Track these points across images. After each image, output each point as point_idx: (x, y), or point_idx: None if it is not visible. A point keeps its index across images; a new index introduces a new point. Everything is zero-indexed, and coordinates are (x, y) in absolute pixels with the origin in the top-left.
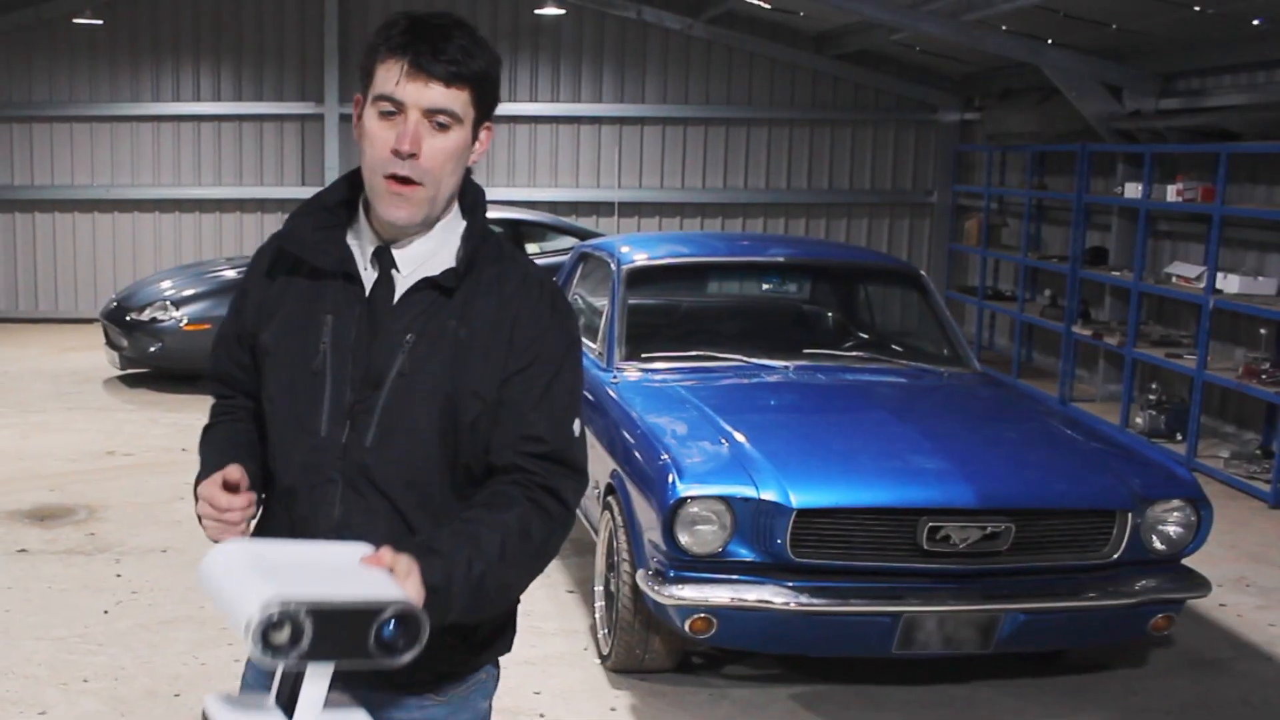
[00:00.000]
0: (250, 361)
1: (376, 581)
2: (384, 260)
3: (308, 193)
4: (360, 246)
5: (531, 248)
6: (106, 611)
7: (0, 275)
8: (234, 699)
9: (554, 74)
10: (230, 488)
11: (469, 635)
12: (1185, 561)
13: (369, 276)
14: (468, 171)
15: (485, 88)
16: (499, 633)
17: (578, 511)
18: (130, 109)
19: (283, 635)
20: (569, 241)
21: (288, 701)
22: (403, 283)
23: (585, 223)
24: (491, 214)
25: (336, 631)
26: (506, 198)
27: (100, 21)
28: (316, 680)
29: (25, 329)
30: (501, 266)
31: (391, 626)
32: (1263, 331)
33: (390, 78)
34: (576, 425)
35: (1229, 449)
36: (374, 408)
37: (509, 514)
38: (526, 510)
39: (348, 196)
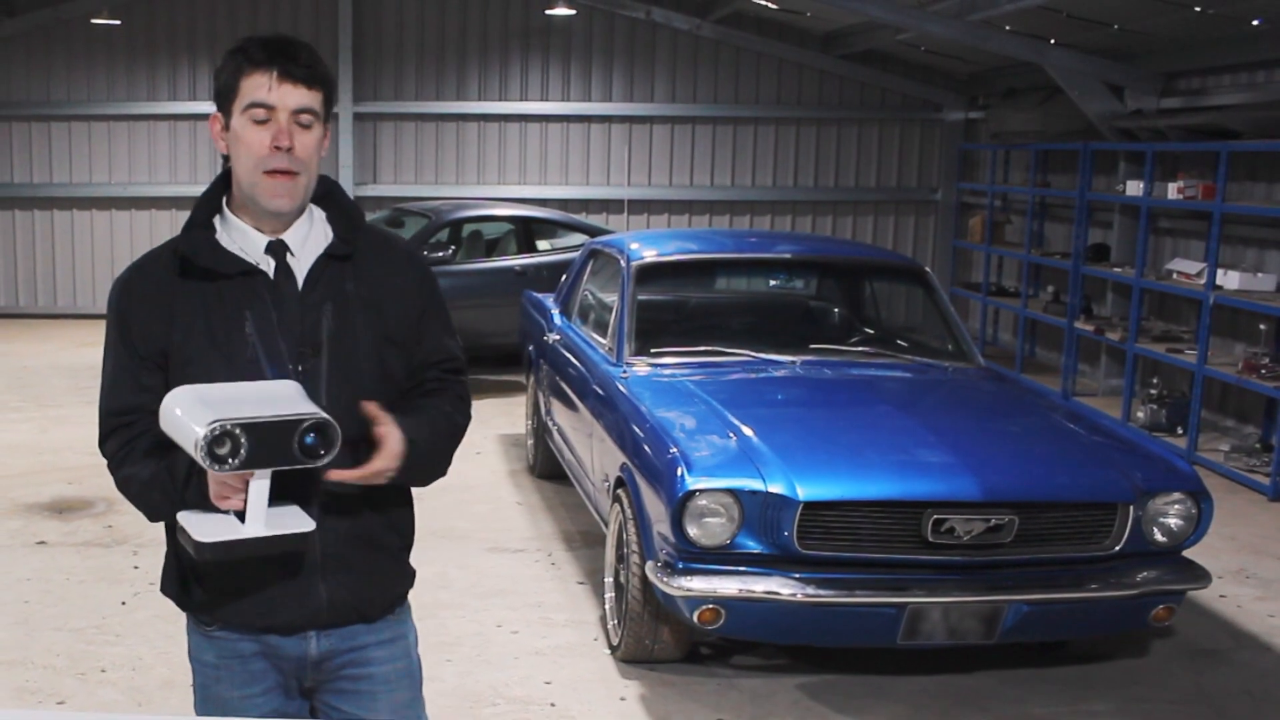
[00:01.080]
0: (156, 382)
1: (295, 402)
2: (278, 250)
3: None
4: (240, 247)
5: (542, 245)
6: (124, 603)
7: (20, 271)
8: (199, 513)
9: (564, 74)
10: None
11: (399, 558)
12: (1186, 553)
13: (267, 267)
14: None
15: (331, 90)
16: (407, 555)
17: (588, 504)
18: (147, 108)
19: (225, 449)
20: (579, 238)
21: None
22: (298, 265)
23: (595, 220)
24: (504, 211)
25: (267, 441)
26: (518, 195)
27: (118, 22)
28: (258, 490)
29: (44, 324)
30: (367, 235)
31: (312, 437)
32: (1262, 327)
33: (260, 87)
34: (459, 340)
35: (1229, 443)
36: (319, 371)
37: (442, 402)
38: (453, 401)
39: (211, 211)
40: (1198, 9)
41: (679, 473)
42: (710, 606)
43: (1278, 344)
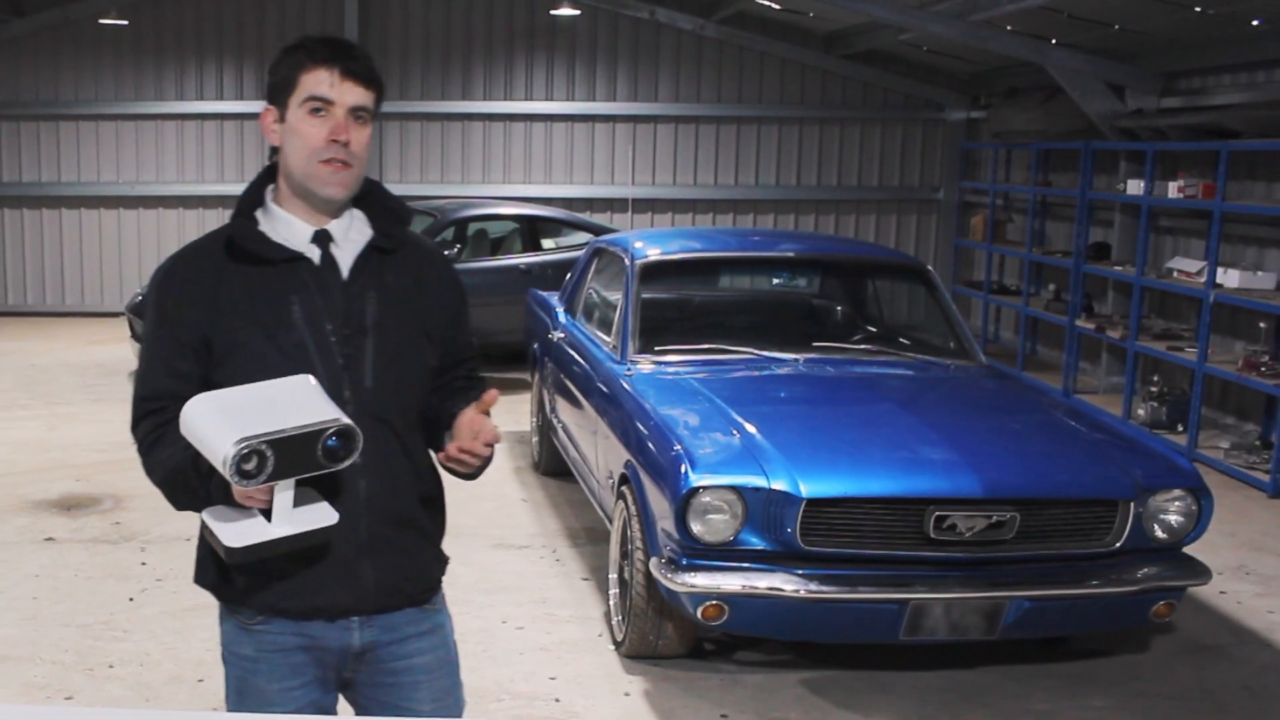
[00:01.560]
0: (196, 369)
1: (314, 404)
2: (324, 239)
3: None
4: (284, 237)
5: (547, 243)
6: (132, 599)
7: (28, 270)
8: (225, 510)
9: (569, 73)
10: None
11: (435, 542)
12: (1186, 550)
13: (312, 255)
14: None
15: (382, 90)
16: (440, 540)
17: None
18: (154, 108)
19: (252, 465)
20: (583, 237)
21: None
22: (341, 255)
23: (600, 219)
24: (508, 210)
25: (292, 453)
26: (523, 194)
27: (125, 22)
28: (284, 490)
29: (52, 323)
30: (408, 235)
31: (334, 440)
32: (1262, 325)
33: (322, 83)
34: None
35: (1229, 440)
36: (364, 355)
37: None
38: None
39: (255, 203)
40: (1198, 9)
41: (683, 470)
42: (714, 602)
43: (1277, 342)
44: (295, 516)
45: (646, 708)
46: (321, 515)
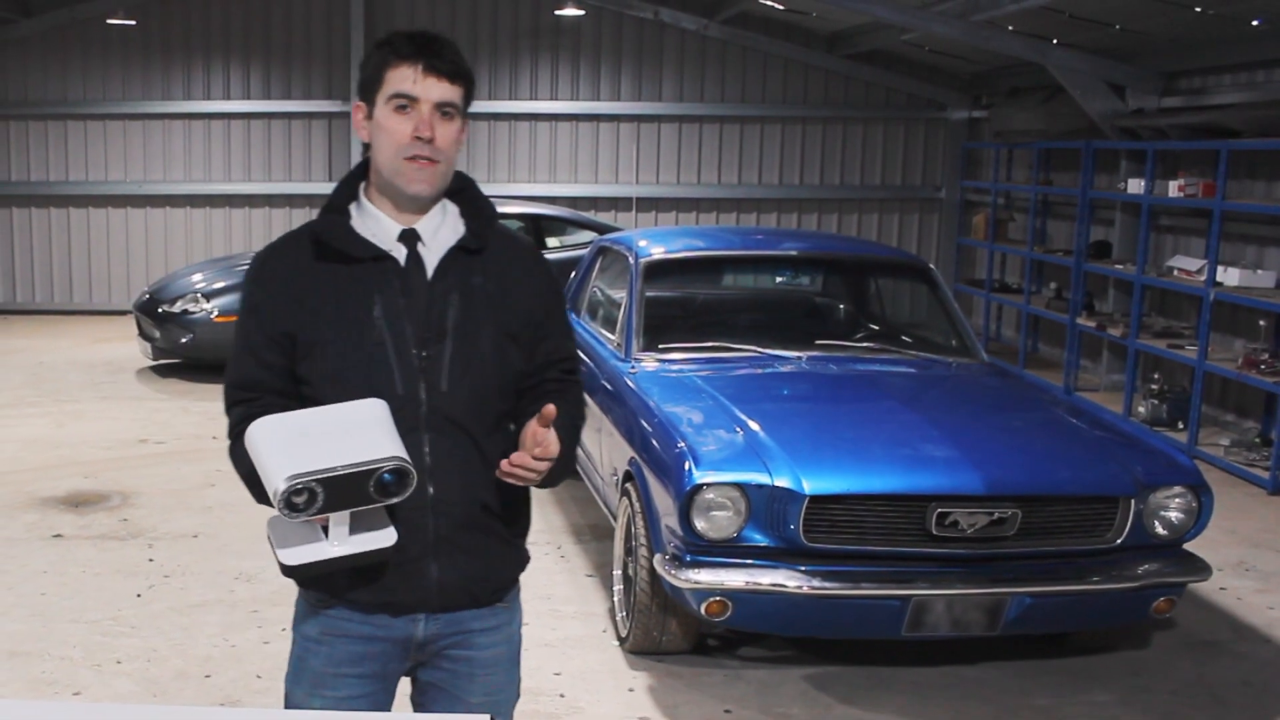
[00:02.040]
0: (282, 361)
1: (376, 440)
2: (410, 238)
3: (333, 188)
4: (374, 233)
5: (552, 241)
6: (139, 595)
7: (36, 269)
8: (288, 524)
9: (574, 73)
10: None
11: (512, 543)
12: (1186, 546)
13: (399, 254)
14: None
15: (471, 85)
16: (521, 540)
17: (597, 498)
18: (162, 107)
19: (302, 499)
20: (588, 236)
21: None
22: (429, 254)
23: (604, 218)
24: (513, 209)
25: (342, 490)
26: (528, 193)
27: (133, 22)
28: (339, 521)
29: (61, 321)
30: (496, 233)
31: (389, 476)
32: (1262, 323)
33: (406, 79)
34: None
35: (1229, 437)
36: (442, 358)
37: (568, 405)
38: (578, 405)
39: (349, 197)
40: (1198, 9)
41: (686, 467)
42: (718, 599)
43: (1277, 340)
44: (352, 539)
45: (650, 703)
46: (380, 537)
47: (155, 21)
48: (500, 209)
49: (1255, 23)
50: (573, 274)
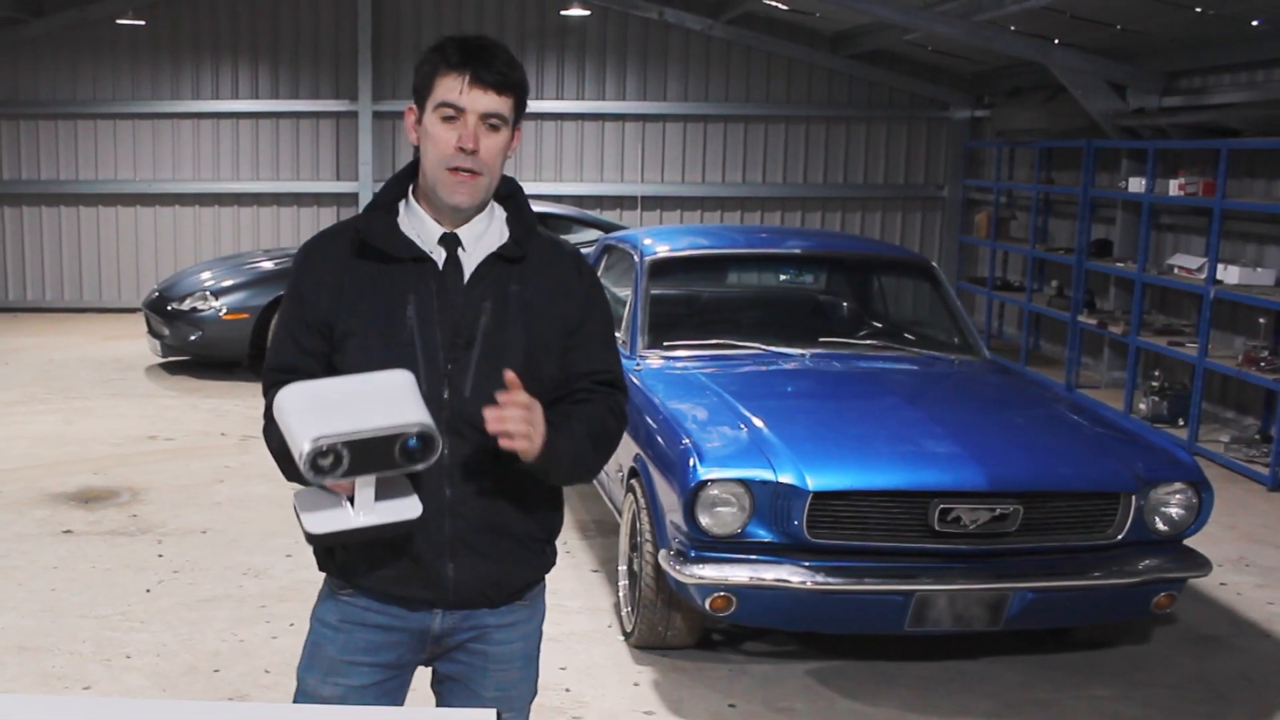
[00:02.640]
0: (321, 348)
1: (403, 407)
2: (451, 243)
3: (341, 187)
4: (418, 234)
5: None
6: (149, 590)
7: (47, 267)
8: (313, 494)
9: (579, 73)
10: None
11: (535, 548)
12: (1187, 542)
13: (438, 257)
14: None
15: (522, 95)
16: (546, 544)
17: (602, 494)
18: (171, 106)
19: (327, 461)
20: (593, 234)
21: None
22: (468, 259)
23: (609, 216)
24: None
25: (368, 453)
26: (534, 192)
27: (142, 22)
28: (365, 487)
29: (71, 318)
30: (539, 241)
31: (415, 441)
32: (1261, 320)
33: (453, 89)
34: (619, 355)
35: (1229, 434)
36: (469, 363)
37: (594, 410)
38: (604, 410)
39: (398, 195)
40: (1199, 10)
41: (691, 463)
42: (722, 594)
43: (1277, 337)
44: (378, 508)
45: (655, 697)
46: (406, 508)
47: (164, 22)
48: None
49: (1255, 23)
50: None
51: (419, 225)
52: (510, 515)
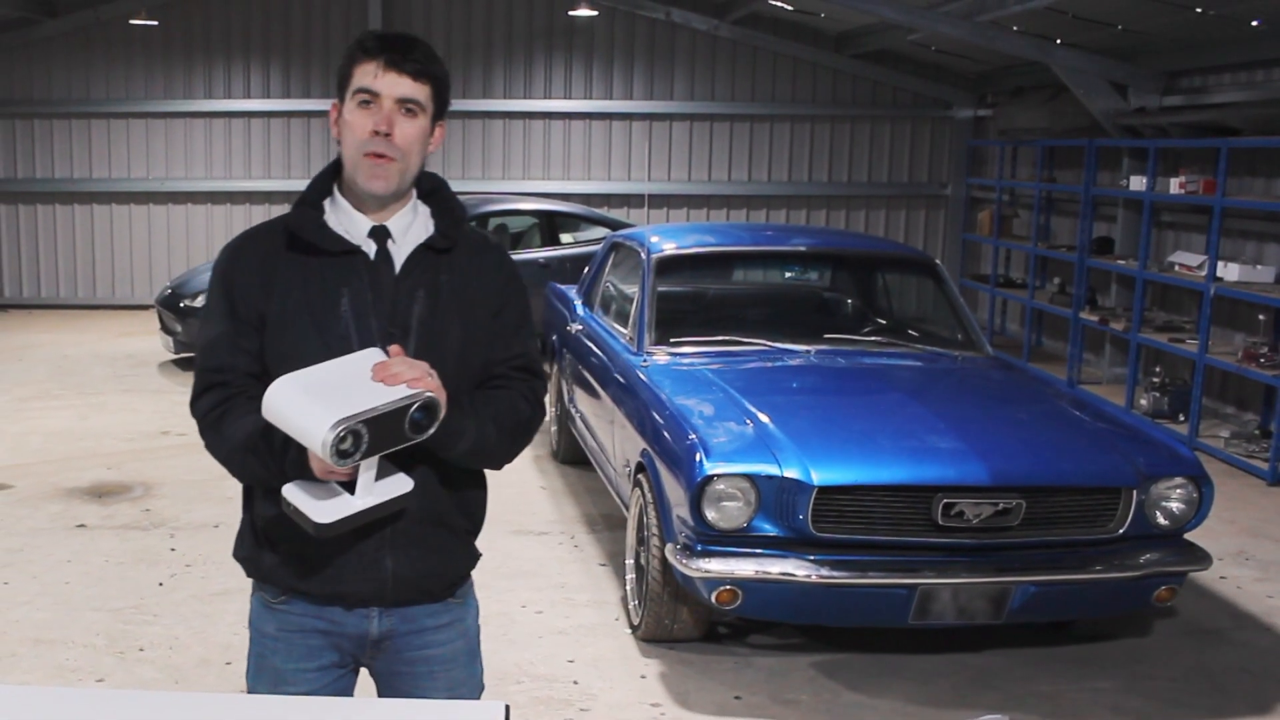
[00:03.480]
0: (253, 345)
1: (393, 385)
2: (381, 235)
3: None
4: (346, 228)
5: (566, 238)
6: (161, 584)
7: (61, 264)
8: (307, 486)
9: (587, 72)
10: None
11: (465, 540)
12: (1187, 536)
13: (369, 250)
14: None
15: (441, 87)
16: (474, 537)
17: (610, 489)
18: (183, 106)
19: (349, 444)
20: (601, 232)
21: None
22: (398, 251)
23: (616, 214)
24: (528, 205)
25: (384, 429)
26: (542, 190)
27: (155, 22)
28: (369, 467)
29: (84, 315)
30: (465, 234)
31: (419, 413)
32: (1261, 317)
33: (369, 74)
34: (538, 344)
35: (1229, 429)
36: (407, 352)
37: (505, 395)
38: (516, 396)
39: (324, 191)
40: (1199, 10)
41: (698, 458)
42: (728, 587)
43: (1276, 334)
44: (378, 488)
45: (662, 690)
46: (401, 484)
47: (176, 22)
48: (516, 205)
49: (1255, 23)
50: (586, 269)
51: (346, 219)
52: (445, 507)
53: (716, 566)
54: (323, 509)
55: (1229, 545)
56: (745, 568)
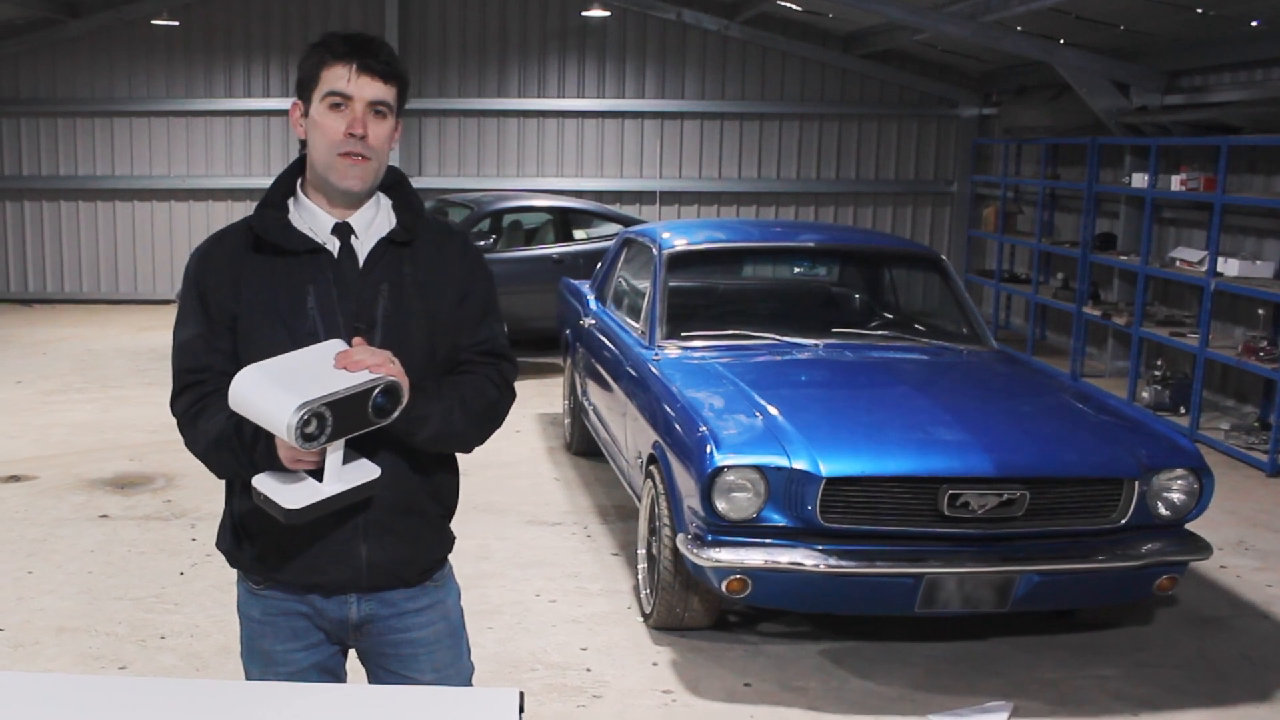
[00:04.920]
0: (227, 345)
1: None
2: (344, 231)
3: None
4: (310, 227)
5: (579, 234)
6: (182, 573)
7: (84, 259)
8: (276, 476)
9: (600, 72)
10: None
11: (439, 525)
12: (1188, 526)
13: (332, 247)
14: None
15: (404, 87)
16: (448, 522)
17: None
18: (204, 104)
19: (313, 427)
20: (613, 228)
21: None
22: (361, 246)
23: (629, 211)
24: (542, 202)
25: (347, 412)
26: (556, 187)
27: (177, 23)
28: (334, 451)
29: (107, 310)
30: (427, 224)
31: (382, 397)
32: (1260, 312)
33: (340, 78)
34: (505, 327)
35: (1229, 421)
36: (373, 345)
37: (471, 379)
38: (483, 380)
39: (286, 191)
40: (1199, 10)
41: (708, 450)
42: (738, 576)
43: (1275, 328)
44: (344, 474)
45: (673, 677)
46: (366, 471)
47: (198, 22)
48: (530, 202)
49: (1254, 24)
50: (599, 265)
51: (310, 218)
52: (418, 495)
53: (727, 556)
54: (291, 496)
55: (1229, 535)
56: (755, 557)
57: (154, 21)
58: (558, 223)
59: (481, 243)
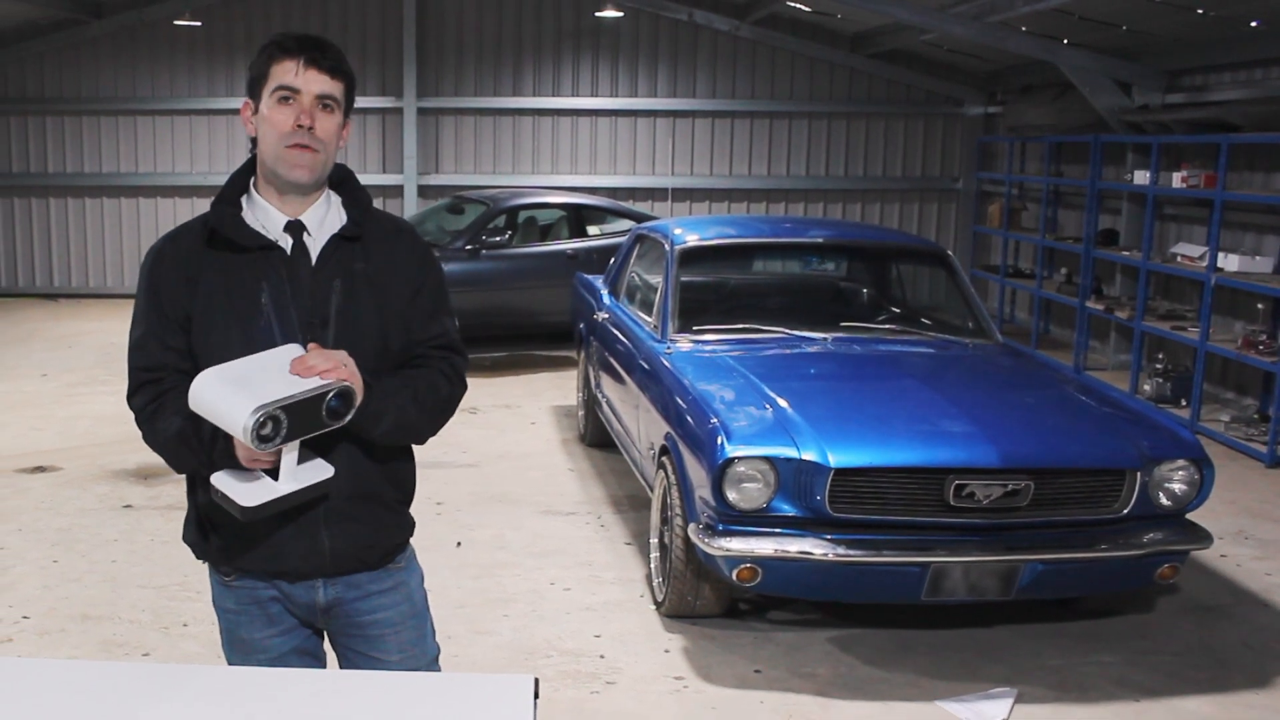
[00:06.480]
0: (181, 343)
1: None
2: (296, 229)
3: (387, 180)
4: (263, 224)
5: (592, 230)
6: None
7: (108, 255)
8: (233, 474)
9: (612, 71)
10: None
11: (398, 510)
12: (1189, 516)
13: (285, 244)
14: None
15: (351, 85)
16: (406, 507)
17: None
18: (225, 103)
19: (269, 429)
20: (626, 224)
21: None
22: (313, 244)
23: (641, 207)
24: (556, 199)
25: (302, 415)
26: (570, 184)
27: (198, 23)
28: (290, 452)
29: (131, 304)
30: (377, 219)
31: (335, 401)
32: (1260, 306)
33: (289, 72)
34: (456, 321)
35: (1229, 413)
36: (326, 342)
37: (424, 373)
38: (435, 374)
39: (240, 189)
40: (1200, 11)
41: (719, 441)
42: (748, 565)
43: (1275, 322)
44: (299, 473)
45: (685, 664)
46: (321, 470)
47: (219, 23)
48: (545, 199)
49: (1254, 24)
50: (612, 260)
51: (263, 215)
52: (376, 482)
53: (737, 545)
54: (248, 494)
55: (1229, 525)
56: (765, 546)
57: (176, 22)
58: (572, 219)
59: (497, 238)
